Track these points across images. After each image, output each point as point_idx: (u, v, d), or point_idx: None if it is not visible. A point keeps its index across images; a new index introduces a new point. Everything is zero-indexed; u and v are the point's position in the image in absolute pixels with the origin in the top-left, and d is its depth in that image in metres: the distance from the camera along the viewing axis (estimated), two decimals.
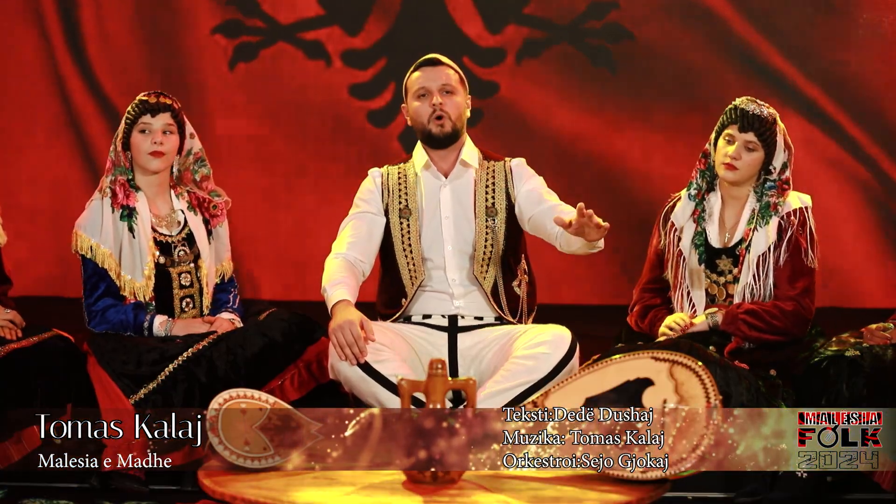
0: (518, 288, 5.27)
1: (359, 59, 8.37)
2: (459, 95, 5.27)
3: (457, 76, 5.29)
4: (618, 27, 8.30)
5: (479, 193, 5.27)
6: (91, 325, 5.22)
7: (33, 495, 4.91)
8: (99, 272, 5.21)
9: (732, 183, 5.14)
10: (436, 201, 5.28)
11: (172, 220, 5.31)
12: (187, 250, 5.29)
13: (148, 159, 5.22)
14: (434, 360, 3.79)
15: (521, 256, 5.31)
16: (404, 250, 5.25)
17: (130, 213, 5.22)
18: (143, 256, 5.21)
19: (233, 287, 5.42)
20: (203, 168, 5.37)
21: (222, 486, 3.75)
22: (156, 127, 5.22)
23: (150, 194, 5.29)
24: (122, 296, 5.22)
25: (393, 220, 5.27)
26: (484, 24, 8.33)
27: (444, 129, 5.22)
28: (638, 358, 3.94)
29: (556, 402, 3.95)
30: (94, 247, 5.21)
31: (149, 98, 5.25)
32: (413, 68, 5.31)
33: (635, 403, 3.87)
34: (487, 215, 5.25)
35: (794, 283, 5.10)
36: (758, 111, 5.10)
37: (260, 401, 4.00)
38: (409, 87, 5.29)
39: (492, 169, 5.31)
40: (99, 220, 5.22)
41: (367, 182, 5.36)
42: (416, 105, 5.26)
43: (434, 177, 5.30)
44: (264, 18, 8.39)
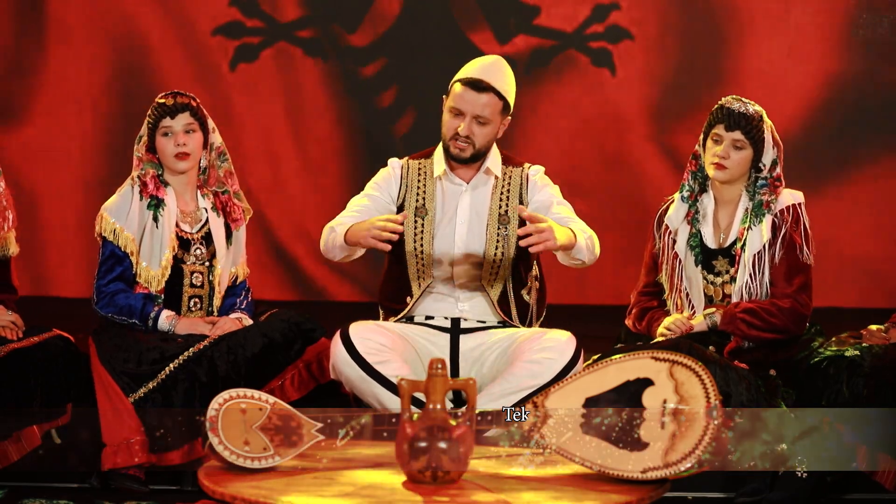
0: (528, 295, 5.25)
1: (358, 58, 8.38)
2: (492, 126, 5.14)
3: (498, 104, 5.13)
4: (618, 28, 8.30)
5: (494, 200, 5.22)
6: (98, 306, 5.21)
7: (33, 495, 4.91)
8: (117, 256, 5.21)
9: (723, 182, 5.14)
10: (454, 205, 5.23)
11: (196, 217, 5.32)
12: (203, 249, 5.30)
13: (174, 162, 5.23)
14: (434, 359, 3.79)
15: (533, 264, 5.29)
16: (415, 249, 5.21)
17: (158, 203, 5.24)
18: (163, 247, 5.22)
19: (244, 290, 5.42)
20: (225, 163, 5.37)
21: (222, 486, 3.75)
22: (177, 128, 5.22)
23: (179, 191, 5.30)
24: (134, 284, 5.22)
25: (408, 216, 5.22)
26: (492, 31, 8.33)
27: (462, 153, 5.15)
28: (638, 358, 3.94)
29: (556, 402, 3.95)
30: (117, 230, 5.22)
31: (166, 100, 5.24)
32: (462, 77, 5.14)
33: (635, 403, 3.87)
34: (500, 223, 5.21)
35: (790, 280, 5.10)
36: (743, 109, 5.10)
37: (260, 401, 4.00)
38: (451, 94, 5.16)
39: (509, 175, 5.24)
40: (127, 205, 5.23)
41: (385, 171, 5.29)
42: (447, 118, 5.15)
43: (454, 181, 5.24)
44: (264, 18, 8.39)
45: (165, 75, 8.30)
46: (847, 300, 8.04)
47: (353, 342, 5.03)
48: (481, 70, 5.16)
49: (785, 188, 5.18)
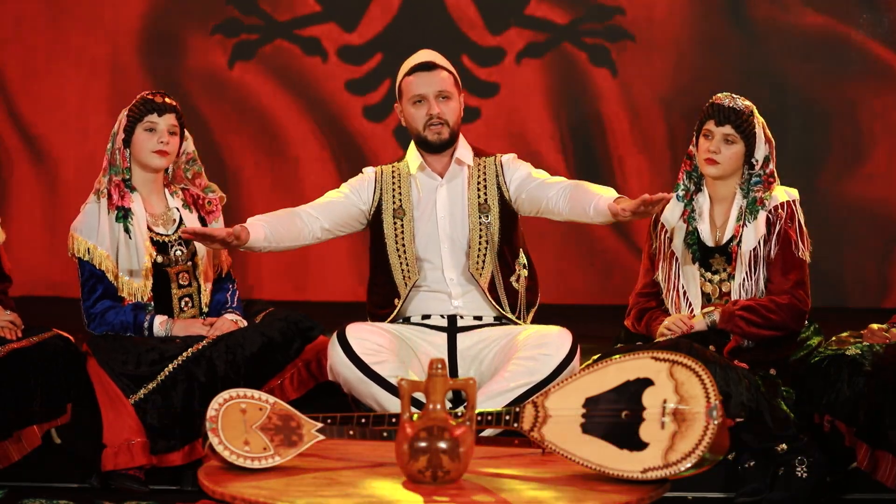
0: (516, 283, 5.27)
1: (355, 56, 8.37)
2: (455, 99, 5.23)
3: (451, 78, 5.25)
4: (618, 28, 8.30)
5: (472, 191, 5.26)
6: (91, 328, 5.21)
7: (33, 495, 4.91)
8: (96, 274, 5.20)
9: (716, 178, 5.15)
10: (432, 201, 5.27)
11: (168, 218, 5.30)
12: (184, 249, 5.29)
13: (152, 157, 5.22)
14: (434, 359, 3.78)
15: (519, 251, 5.31)
16: (398, 250, 5.24)
17: (126, 213, 5.22)
18: (140, 257, 5.20)
19: (230, 283, 5.41)
20: (194, 166, 5.37)
21: (222, 486, 3.75)
22: (162, 127, 5.22)
23: (146, 193, 5.28)
24: (121, 297, 5.21)
25: (386, 219, 5.26)
26: (484, 24, 8.33)
27: (441, 136, 5.21)
28: (638, 358, 3.94)
29: (556, 402, 3.95)
30: (91, 249, 5.20)
31: (154, 97, 5.25)
32: (408, 70, 5.25)
33: (635, 403, 3.87)
34: (480, 212, 5.24)
35: (786, 276, 5.10)
36: (733, 104, 5.11)
37: (260, 401, 4.00)
38: (404, 90, 5.25)
39: (483, 165, 5.29)
40: (95, 222, 5.21)
41: (360, 176, 5.34)
42: (412, 111, 5.22)
43: (429, 177, 5.29)
44: (262, 16, 8.39)
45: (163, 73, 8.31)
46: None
47: (350, 343, 5.03)
48: (420, 57, 5.26)
49: (780, 185, 5.18)
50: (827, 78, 8.27)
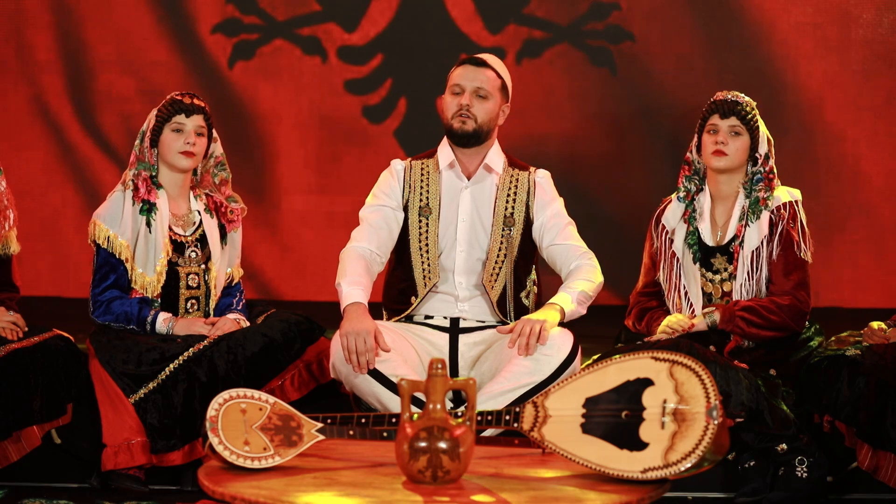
0: (526, 299, 5.26)
1: (355, 56, 8.37)
2: (492, 101, 5.21)
3: (497, 81, 5.22)
4: (618, 28, 8.30)
5: (500, 201, 5.24)
6: (94, 315, 5.22)
7: (33, 495, 4.91)
8: (111, 263, 5.21)
9: (723, 171, 5.15)
10: (455, 203, 5.25)
11: (188, 220, 5.32)
12: (199, 252, 5.30)
13: (178, 158, 5.23)
14: (434, 359, 3.78)
15: (533, 268, 5.30)
16: (420, 249, 5.22)
17: (150, 208, 5.23)
18: (157, 252, 5.22)
19: (238, 291, 5.43)
20: (223, 172, 5.39)
21: (222, 486, 3.75)
22: (189, 128, 5.23)
23: (172, 193, 5.30)
24: (131, 289, 5.22)
25: (412, 217, 5.24)
26: (484, 23, 8.33)
27: (464, 126, 5.19)
28: (638, 358, 3.94)
29: (556, 402, 3.94)
30: (111, 237, 5.21)
31: (183, 98, 5.25)
32: (459, 61, 5.27)
33: (635, 403, 3.87)
34: (505, 224, 5.23)
35: (788, 277, 5.11)
36: (734, 98, 5.15)
37: (260, 401, 4.00)
38: (449, 80, 5.26)
39: (515, 178, 5.27)
40: (119, 211, 5.23)
41: (387, 174, 5.32)
42: (448, 99, 5.22)
43: (456, 177, 5.27)
44: (261, 16, 8.39)
45: (164, 73, 8.31)
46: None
47: None
48: (475, 56, 5.27)
49: (782, 186, 5.19)
50: (826, 77, 8.26)
